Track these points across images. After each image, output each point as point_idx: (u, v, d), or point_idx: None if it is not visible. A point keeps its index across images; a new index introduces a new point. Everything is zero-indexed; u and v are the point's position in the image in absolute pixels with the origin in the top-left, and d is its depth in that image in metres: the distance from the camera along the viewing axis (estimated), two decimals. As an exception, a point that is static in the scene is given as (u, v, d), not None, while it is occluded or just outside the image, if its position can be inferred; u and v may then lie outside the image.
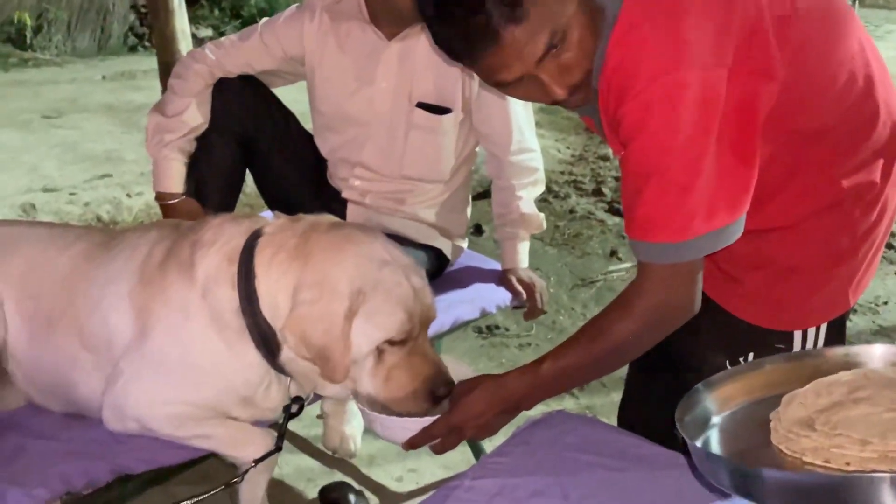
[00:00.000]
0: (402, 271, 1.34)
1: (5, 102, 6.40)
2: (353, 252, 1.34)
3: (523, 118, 2.08)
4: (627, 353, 1.28)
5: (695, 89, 1.06)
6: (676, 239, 1.12)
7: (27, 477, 1.29)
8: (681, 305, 1.20)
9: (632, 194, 1.15)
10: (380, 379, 1.33)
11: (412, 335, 1.33)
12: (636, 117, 1.09)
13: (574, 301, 3.50)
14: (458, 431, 1.30)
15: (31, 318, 1.51)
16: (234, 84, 2.06)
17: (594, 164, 5.29)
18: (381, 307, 1.30)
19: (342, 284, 1.30)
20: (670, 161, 1.09)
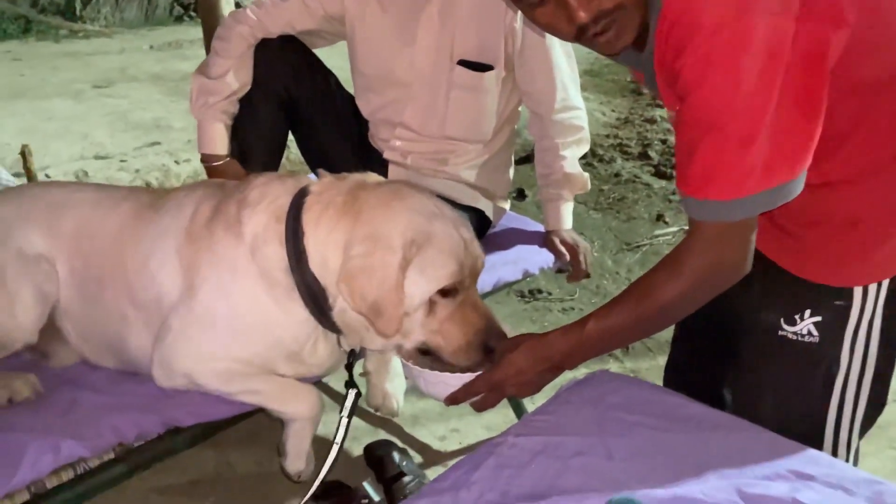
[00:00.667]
0: (452, 223, 1.35)
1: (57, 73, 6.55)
2: (402, 206, 1.34)
3: (568, 75, 2.03)
4: (675, 314, 1.25)
5: (759, 39, 1.00)
6: (731, 196, 1.08)
7: (80, 429, 1.33)
8: (732, 265, 1.16)
9: (687, 150, 1.10)
10: (433, 330, 1.34)
11: (463, 286, 1.34)
12: (696, 70, 1.04)
13: (619, 265, 3.45)
14: (500, 388, 1.29)
15: (82, 276, 1.54)
16: (276, 45, 2.05)
17: (640, 127, 5.17)
18: (434, 258, 1.30)
19: (394, 237, 1.30)
20: (730, 115, 1.04)
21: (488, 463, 1.19)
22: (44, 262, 1.52)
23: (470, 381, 1.30)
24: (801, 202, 1.15)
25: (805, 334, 1.26)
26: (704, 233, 1.13)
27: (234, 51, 2.03)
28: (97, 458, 1.33)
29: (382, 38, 2.04)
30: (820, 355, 1.26)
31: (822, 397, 1.28)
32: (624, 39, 1.15)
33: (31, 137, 4.49)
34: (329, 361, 1.49)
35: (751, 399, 1.34)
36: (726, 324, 1.36)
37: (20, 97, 5.74)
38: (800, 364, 1.28)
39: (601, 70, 6.50)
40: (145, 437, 1.38)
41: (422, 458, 2.20)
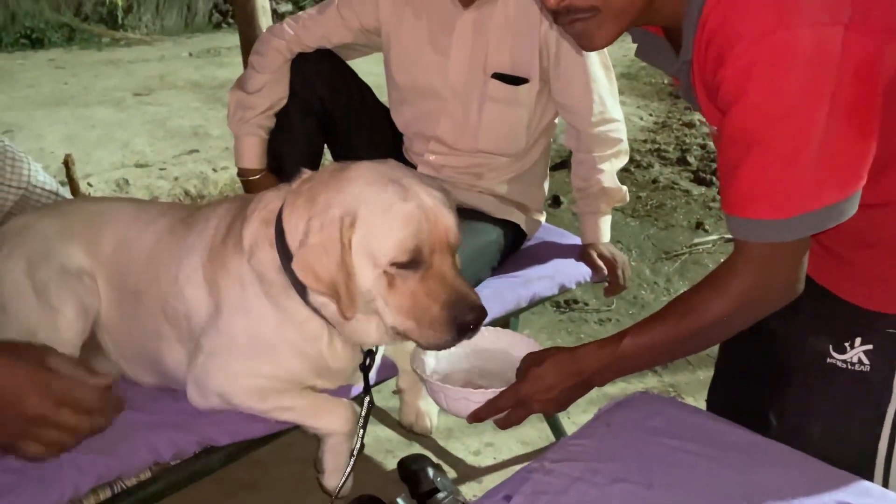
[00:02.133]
0: (409, 191, 1.26)
1: (99, 81, 6.70)
2: (354, 179, 1.28)
3: (605, 87, 1.99)
4: (717, 335, 1.21)
5: (804, 49, 0.95)
6: (778, 216, 1.03)
7: (118, 447, 1.33)
8: (781, 288, 1.11)
9: (730, 166, 1.06)
10: (394, 306, 1.26)
11: (423, 256, 1.25)
12: (736, 82, 1.00)
13: (657, 275, 3.39)
14: (526, 404, 1.24)
15: (121, 291, 1.56)
16: (312, 58, 2.06)
17: (678, 132, 5.09)
18: (379, 228, 1.23)
19: (335, 210, 1.25)
20: (773, 130, 0.99)
21: (524, 489, 1.16)
22: (85, 277, 1.54)
23: (494, 397, 1.25)
24: (853, 224, 1.10)
25: (855, 363, 1.21)
26: (750, 253, 1.09)
27: (271, 65, 2.05)
28: (134, 476, 1.34)
29: (417, 50, 2.03)
30: (871, 384, 1.21)
31: (873, 427, 1.22)
32: (595, 42, 1.12)
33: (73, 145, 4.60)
34: (353, 363, 1.47)
35: (798, 426, 1.30)
36: (773, 347, 1.32)
37: (63, 105, 5.88)
38: (850, 393, 1.23)
39: (638, 73, 6.42)
40: (181, 457, 1.38)
41: (456, 474, 2.18)
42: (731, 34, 0.99)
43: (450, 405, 1.30)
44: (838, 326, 1.22)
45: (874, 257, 1.18)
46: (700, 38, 1.05)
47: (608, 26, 1.10)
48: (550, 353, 1.26)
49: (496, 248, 2.00)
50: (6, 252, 1.55)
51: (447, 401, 1.30)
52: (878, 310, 1.18)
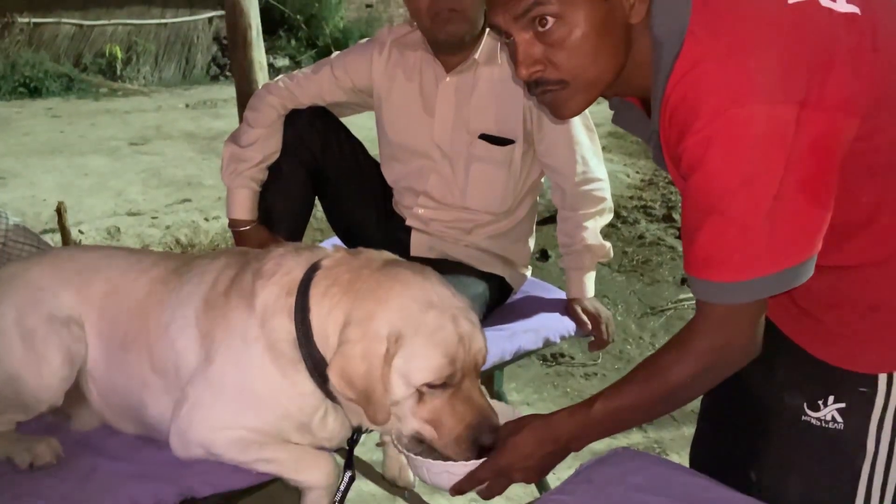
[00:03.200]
0: (449, 315, 1.31)
1: (96, 130, 6.79)
2: (398, 292, 1.32)
3: (588, 148, 2.06)
4: (683, 396, 1.22)
5: (759, 125, 1.00)
6: (735, 279, 1.07)
7: (98, 497, 1.33)
8: (740, 348, 1.14)
9: (690, 230, 1.10)
10: (421, 421, 1.31)
11: (454, 380, 1.30)
12: (696, 153, 1.05)
13: (643, 330, 3.42)
14: (506, 474, 1.25)
15: (108, 339, 1.57)
16: (305, 115, 2.12)
17: (664, 189, 5.19)
18: (420, 351, 1.28)
19: (382, 326, 1.28)
20: (730, 199, 1.04)
21: (506, 545, 1.16)
22: (73, 325, 1.55)
23: (475, 469, 1.26)
24: (823, 285, 1.13)
25: (829, 420, 1.23)
26: (711, 314, 1.12)
27: (265, 120, 2.10)
28: (114, 527, 1.33)
29: (407, 110, 2.09)
30: (845, 442, 1.23)
31: (848, 485, 1.23)
32: (565, 112, 1.18)
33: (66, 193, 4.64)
34: (340, 435, 1.48)
35: (777, 482, 1.30)
36: (751, 404, 1.34)
37: (58, 153, 5.94)
38: (825, 451, 1.24)
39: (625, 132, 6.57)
40: (162, 507, 1.38)
41: (440, 529, 2.16)
42: (690, 110, 1.05)
43: (432, 478, 1.31)
44: (812, 384, 1.24)
45: (843, 317, 1.21)
46: (664, 112, 1.11)
47: (577, 98, 1.16)
48: (526, 421, 1.28)
49: (482, 301, 2.02)
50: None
51: (429, 474, 1.30)
52: (850, 368, 1.21)
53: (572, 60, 1.11)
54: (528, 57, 1.12)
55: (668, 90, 1.08)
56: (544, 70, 1.13)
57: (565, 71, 1.13)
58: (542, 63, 1.12)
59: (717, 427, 1.51)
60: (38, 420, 1.57)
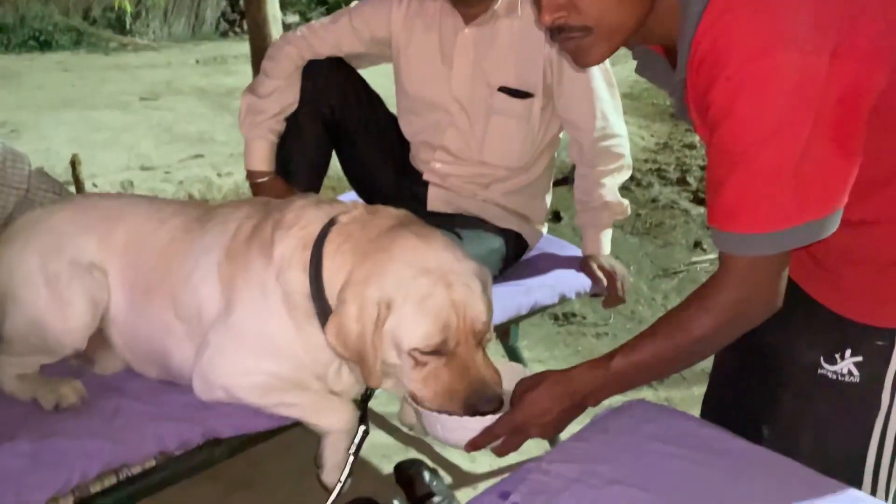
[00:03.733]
0: (443, 281, 1.29)
1: (106, 85, 6.76)
2: (396, 257, 1.32)
3: (608, 103, 2.04)
4: (705, 349, 1.23)
5: (788, 75, 0.99)
6: (760, 231, 1.07)
7: (124, 436, 1.36)
8: (763, 301, 1.14)
9: (716, 182, 1.10)
10: (415, 382, 1.31)
11: (447, 347, 1.29)
12: (724, 102, 1.04)
13: (655, 291, 3.43)
14: (523, 430, 1.26)
15: (131, 286, 1.59)
16: (323, 66, 2.11)
17: (679, 153, 5.15)
18: (409, 318, 1.28)
19: (374, 291, 1.29)
20: (757, 150, 1.03)
21: (522, 488, 1.19)
22: (96, 271, 1.57)
23: (491, 425, 1.25)
24: (844, 240, 1.13)
25: (845, 374, 1.24)
26: (734, 267, 1.12)
27: (283, 71, 2.09)
28: (139, 465, 1.36)
29: (425, 62, 2.07)
30: (860, 396, 1.24)
31: (861, 438, 1.25)
32: (588, 60, 1.17)
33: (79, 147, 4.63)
34: (354, 389, 1.50)
35: (789, 436, 1.32)
36: (765, 360, 1.35)
37: (70, 107, 5.93)
38: (839, 404, 1.26)
39: (641, 94, 6.50)
40: (186, 447, 1.41)
41: (452, 479, 2.20)
42: (721, 57, 1.03)
43: (447, 435, 1.31)
44: (829, 338, 1.25)
45: (864, 272, 1.21)
46: (693, 59, 1.09)
47: (601, 45, 1.15)
48: (544, 377, 1.27)
49: (499, 256, 2.03)
50: (20, 244, 1.58)
51: (444, 430, 1.30)
52: (868, 323, 1.22)
53: (596, 5, 1.10)
54: (551, 2, 1.11)
55: (698, 37, 1.07)
56: (567, 16, 1.11)
57: (589, 17, 1.11)
58: (565, 9, 1.11)
59: (729, 382, 1.52)
60: (63, 363, 1.60)
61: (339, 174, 2.43)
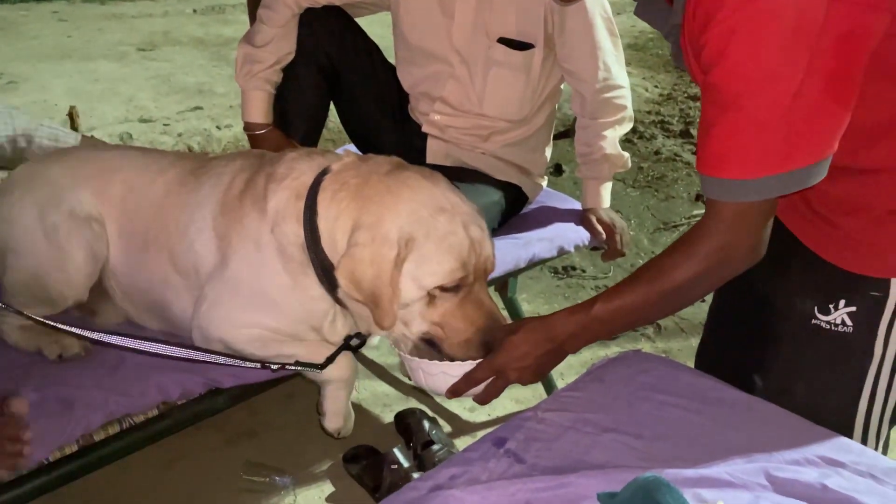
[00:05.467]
0: (460, 220, 1.32)
1: (103, 35, 6.65)
2: (408, 198, 1.33)
3: (610, 53, 2.00)
4: (686, 297, 1.22)
5: (786, 17, 0.97)
6: (747, 176, 1.06)
7: (127, 386, 1.39)
8: (746, 248, 1.14)
9: (706, 126, 1.08)
10: (430, 323, 1.33)
11: (465, 283, 1.32)
12: (718, 44, 1.01)
13: (655, 245, 3.43)
14: (503, 374, 1.26)
15: (129, 238, 1.59)
16: (321, 15, 2.07)
17: (683, 104, 5.08)
18: (431, 255, 1.29)
19: (393, 231, 1.29)
20: (750, 92, 1.01)
21: (517, 436, 1.21)
22: (94, 223, 1.57)
23: (471, 370, 1.27)
24: (842, 189, 1.13)
25: (839, 324, 1.25)
26: (720, 213, 1.11)
27: (279, 19, 2.05)
28: (142, 413, 1.39)
29: (425, 11, 2.04)
30: (853, 345, 1.25)
31: (853, 387, 1.27)
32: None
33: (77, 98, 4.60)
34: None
35: (782, 385, 1.34)
36: (760, 309, 1.36)
37: (67, 58, 5.85)
38: (832, 353, 1.27)
39: (645, 45, 6.39)
40: (188, 396, 1.44)
41: (451, 428, 2.24)
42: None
43: (427, 381, 1.31)
44: (824, 288, 1.26)
45: (861, 222, 1.21)
46: (689, 0, 1.07)
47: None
48: (524, 322, 1.28)
49: (497, 209, 2.03)
50: (17, 196, 1.58)
51: (425, 377, 1.31)
52: (862, 273, 1.22)
53: None
54: None
55: None
56: None
57: None
58: None
59: (723, 332, 1.54)
60: (65, 315, 1.61)
61: (338, 127, 2.41)
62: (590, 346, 2.63)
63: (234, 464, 2.02)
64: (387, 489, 1.86)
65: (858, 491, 1.07)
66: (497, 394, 1.29)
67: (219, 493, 1.98)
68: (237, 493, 1.96)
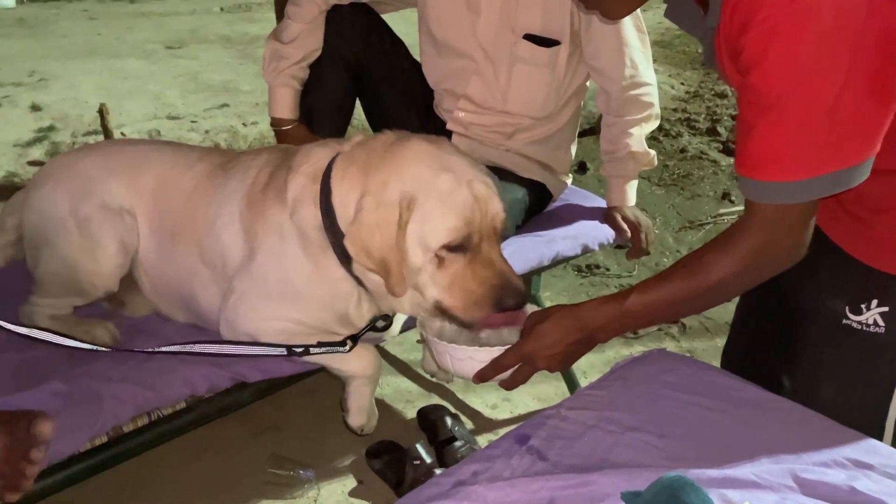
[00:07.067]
0: (464, 178, 1.31)
1: (132, 33, 6.74)
2: (411, 160, 1.33)
3: (637, 50, 1.99)
4: (723, 294, 1.21)
5: (826, 16, 0.96)
6: (788, 178, 1.05)
7: (156, 380, 1.40)
8: (787, 249, 1.12)
9: (746, 128, 1.07)
10: (442, 286, 1.32)
11: (472, 242, 1.31)
12: (758, 45, 1.00)
13: (680, 243, 3.40)
14: (530, 362, 1.25)
15: (158, 230, 1.62)
16: (347, 11, 2.08)
17: (710, 102, 5.03)
18: (434, 213, 1.29)
19: (394, 193, 1.29)
20: (790, 95, 1.00)
21: (540, 433, 1.21)
22: (126, 215, 1.60)
23: (499, 356, 1.26)
24: (874, 188, 1.11)
25: (870, 324, 1.23)
26: (760, 214, 1.10)
27: (306, 16, 2.07)
28: (170, 406, 1.41)
29: (451, 6, 2.03)
30: (885, 346, 1.23)
31: (885, 388, 1.25)
32: (614, 16, 1.18)
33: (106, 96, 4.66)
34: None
35: (811, 386, 1.32)
36: (789, 309, 1.34)
37: (96, 56, 5.94)
38: (863, 354, 1.25)
39: (672, 41, 6.33)
40: (215, 390, 1.45)
41: (473, 425, 2.24)
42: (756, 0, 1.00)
43: (455, 365, 1.31)
44: (855, 288, 1.24)
45: (893, 221, 1.19)
46: (727, 3, 1.06)
47: (625, 3, 1.14)
48: (554, 310, 1.27)
49: (521, 206, 2.02)
50: (50, 188, 1.61)
51: (452, 361, 1.31)
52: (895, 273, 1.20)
53: None
54: None
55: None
56: None
57: None
58: None
59: (751, 332, 1.52)
60: (95, 306, 1.64)
61: (364, 123, 2.42)
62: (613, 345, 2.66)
63: (259, 457, 2.05)
64: (409, 485, 1.87)
65: (887, 494, 1.05)
66: (524, 380, 1.28)
67: (244, 485, 2.00)
68: (262, 486, 1.98)
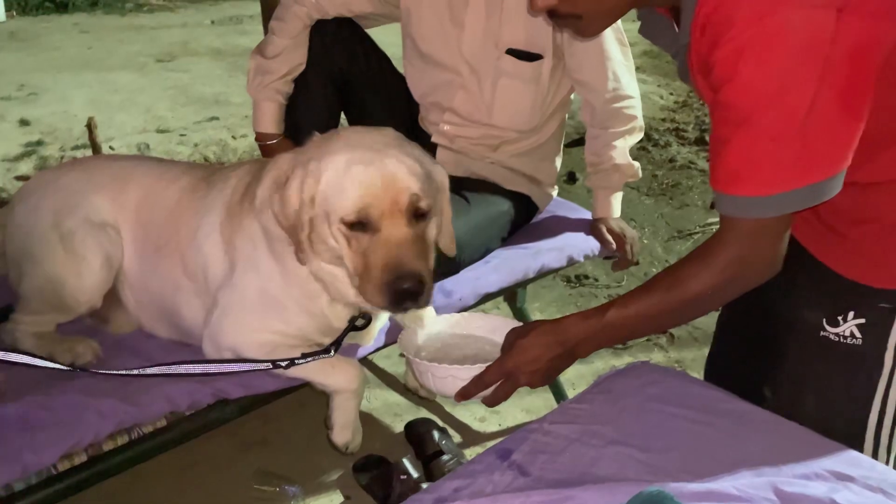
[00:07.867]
0: (375, 154, 1.33)
1: (123, 46, 6.75)
2: (336, 143, 1.38)
3: (620, 63, 2.00)
4: (702, 307, 1.22)
5: (795, 32, 0.97)
6: (764, 193, 1.06)
7: (136, 396, 1.39)
8: (763, 263, 1.13)
9: (719, 144, 1.08)
10: (349, 264, 1.36)
11: (371, 220, 1.32)
12: (729, 62, 1.02)
13: (669, 253, 3.41)
14: (513, 377, 1.25)
15: (142, 244, 1.62)
16: (332, 26, 2.08)
17: (699, 111, 5.05)
18: (333, 185, 1.33)
19: (313, 167, 1.35)
20: (762, 109, 1.01)
21: (522, 448, 1.21)
22: (109, 229, 1.60)
23: (480, 373, 1.26)
24: (850, 200, 1.12)
25: (848, 336, 1.24)
26: (737, 228, 1.11)
27: (291, 31, 2.07)
28: (151, 424, 1.40)
29: (436, 22, 2.04)
30: (863, 358, 1.24)
31: (863, 400, 1.25)
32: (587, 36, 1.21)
33: (97, 109, 4.66)
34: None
35: (791, 398, 1.33)
36: (769, 321, 1.35)
37: (87, 69, 5.94)
38: (842, 366, 1.26)
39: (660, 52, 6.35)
40: (196, 407, 1.44)
41: (461, 438, 2.24)
42: (725, 17, 1.01)
43: (437, 384, 1.31)
44: (832, 300, 1.25)
45: (870, 233, 1.20)
46: (696, 21, 1.07)
47: (595, 26, 1.16)
48: (535, 325, 1.27)
49: (507, 218, 2.03)
50: (34, 203, 1.61)
51: (434, 380, 1.31)
52: (871, 284, 1.21)
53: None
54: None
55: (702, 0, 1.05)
56: (559, 4, 1.11)
57: (578, 5, 1.11)
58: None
59: (733, 344, 1.53)
60: (78, 323, 1.64)
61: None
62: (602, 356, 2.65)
63: (246, 472, 2.03)
64: (396, 499, 1.86)
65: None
66: (506, 397, 1.28)
67: (231, 502, 1.98)
68: (249, 502, 1.97)
